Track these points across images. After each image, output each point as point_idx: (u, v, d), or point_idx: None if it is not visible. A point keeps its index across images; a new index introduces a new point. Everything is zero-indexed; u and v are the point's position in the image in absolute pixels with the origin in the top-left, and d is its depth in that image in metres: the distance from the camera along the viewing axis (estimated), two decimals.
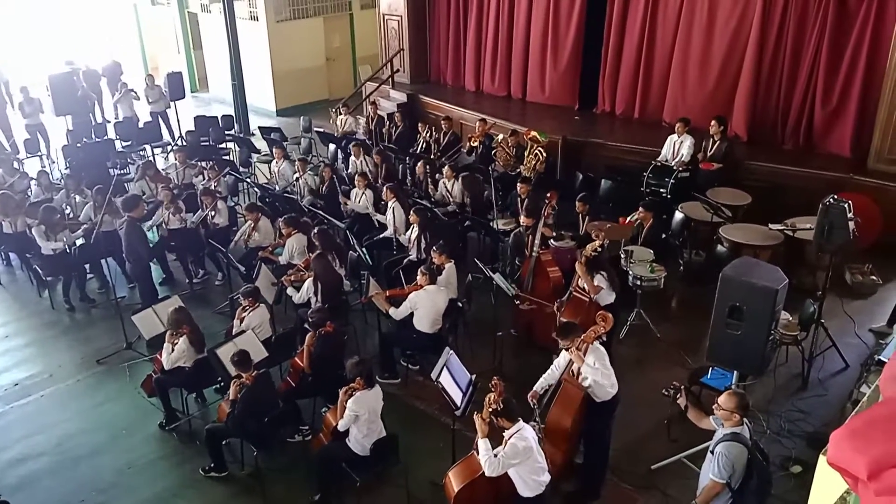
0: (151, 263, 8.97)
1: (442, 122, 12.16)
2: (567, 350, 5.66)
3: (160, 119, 14.53)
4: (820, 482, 3.44)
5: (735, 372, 6.02)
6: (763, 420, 6.59)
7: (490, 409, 4.98)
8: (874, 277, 8.66)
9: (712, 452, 4.60)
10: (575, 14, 12.58)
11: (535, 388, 5.79)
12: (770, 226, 8.37)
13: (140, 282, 8.80)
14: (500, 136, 11.13)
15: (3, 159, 11.66)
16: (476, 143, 11.38)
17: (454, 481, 5.22)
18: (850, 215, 6.46)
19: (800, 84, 10.41)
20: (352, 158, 11.08)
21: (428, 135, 11.92)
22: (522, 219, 8.25)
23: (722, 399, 4.61)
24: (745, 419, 4.60)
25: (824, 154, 10.35)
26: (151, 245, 9.04)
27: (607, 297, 6.97)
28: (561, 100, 13.21)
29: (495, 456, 4.87)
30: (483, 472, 4.94)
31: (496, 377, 5.20)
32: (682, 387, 5.15)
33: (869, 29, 9.67)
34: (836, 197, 6.62)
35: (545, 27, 12.99)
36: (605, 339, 5.85)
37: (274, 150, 11.25)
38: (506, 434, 4.93)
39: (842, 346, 7.41)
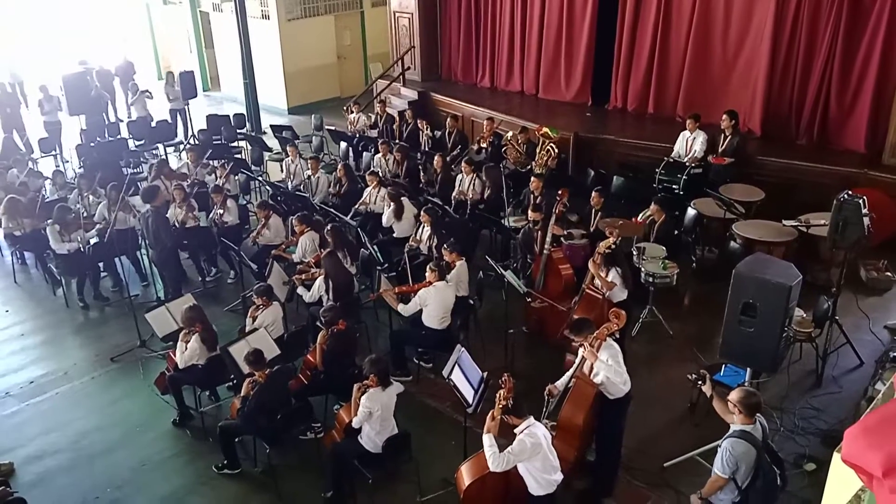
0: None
1: (447, 121, 12.16)
2: (580, 347, 5.66)
3: (179, 116, 14.62)
4: (834, 480, 3.42)
5: (748, 369, 5.99)
6: (777, 417, 6.56)
7: (501, 406, 4.99)
8: (889, 274, 8.60)
9: (721, 445, 4.61)
10: (588, 10, 12.54)
11: (556, 384, 5.77)
12: (784, 222, 8.32)
13: (167, 269, 8.86)
14: (510, 134, 11.12)
15: (18, 159, 11.74)
16: (485, 144, 11.35)
17: (465, 476, 5.23)
18: (864, 211, 6.41)
19: (814, 79, 10.33)
20: (377, 156, 11.08)
21: (429, 130, 11.96)
22: (530, 213, 8.24)
23: (732, 393, 4.63)
24: (758, 419, 4.58)
25: (838, 149, 10.27)
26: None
27: (620, 293, 6.96)
28: (574, 96, 13.17)
29: (500, 452, 4.87)
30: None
31: (507, 374, 5.20)
32: (707, 375, 5.15)
33: (883, 23, 9.57)
34: (850, 193, 6.58)
35: (559, 24, 12.95)
36: (618, 335, 5.84)
37: (288, 148, 11.30)
38: (516, 431, 4.93)
39: (856, 342, 7.36)
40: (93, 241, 9.27)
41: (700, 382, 5.13)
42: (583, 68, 12.94)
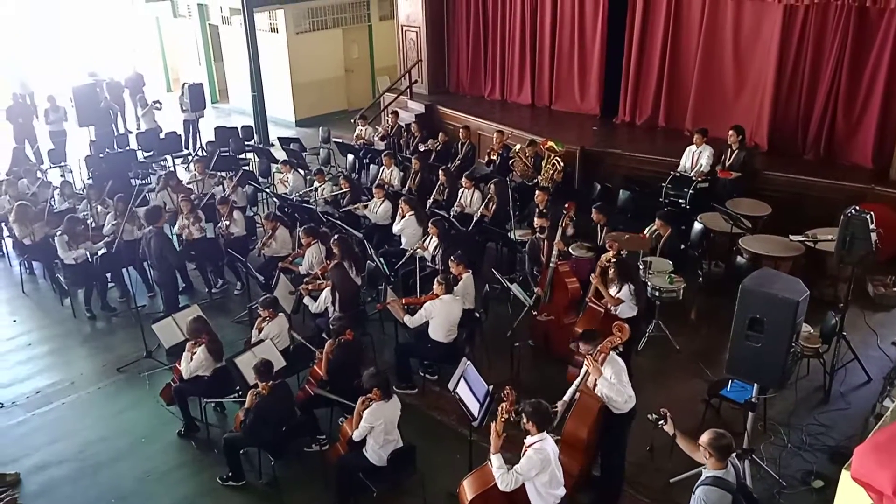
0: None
1: (460, 132, 12.21)
2: (585, 360, 5.64)
3: (192, 127, 14.70)
4: (843, 497, 3.41)
5: (755, 385, 5.96)
6: (784, 434, 6.54)
7: (503, 420, 4.97)
8: None
9: (694, 493, 4.45)
10: (599, 23, 12.60)
11: (564, 398, 5.76)
12: (790, 237, 8.31)
13: (165, 289, 8.88)
14: (518, 147, 11.15)
15: (28, 169, 11.83)
16: (494, 157, 11.38)
17: (468, 490, 5.21)
18: (871, 227, 6.40)
19: (821, 94, 10.34)
20: (383, 168, 11.12)
21: (439, 142, 12.05)
22: (536, 220, 8.23)
23: (702, 436, 4.47)
24: (731, 460, 4.43)
25: (845, 164, 10.27)
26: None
27: (629, 311, 6.93)
28: (584, 109, 13.22)
29: (509, 470, 4.85)
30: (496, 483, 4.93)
31: (508, 386, 5.18)
32: (667, 413, 5.02)
33: (890, 39, 9.59)
34: (857, 208, 6.56)
35: (571, 36, 13.01)
36: (621, 349, 5.82)
37: (280, 164, 11.36)
38: (527, 441, 4.91)
39: (864, 358, 7.33)
40: (101, 252, 9.30)
41: (661, 423, 4.97)
42: (597, 80, 12.97)
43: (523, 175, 10.86)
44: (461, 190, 10.03)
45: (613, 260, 7.00)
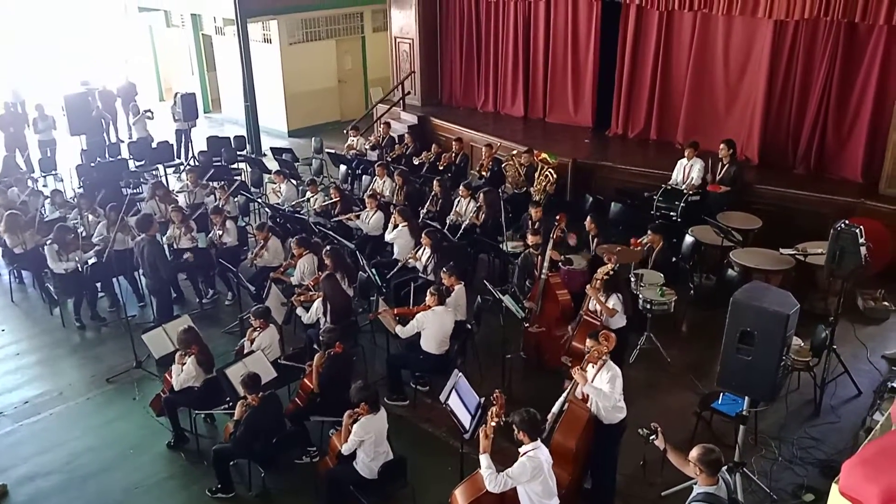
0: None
1: (453, 144, 12.24)
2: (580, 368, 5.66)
3: (184, 136, 14.69)
4: None
5: (746, 398, 5.97)
6: (775, 447, 6.54)
7: (493, 423, 4.96)
8: (886, 303, 8.61)
9: None
10: (592, 39, 12.67)
11: (553, 409, 5.76)
12: (781, 250, 8.35)
13: (159, 296, 8.84)
14: (515, 151, 11.18)
15: (18, 178, 11.78)
16: (485, 172, 11.40)
17: (459, 498, 5.19)
18: (861, 240, 6.44)
19: (811, 108, 10.43)
20: (376, 178, 11.14)
21: (430, 156, 12.08)
22: (530, 237, 8.26)
23: (691, 451, 4.48)
24: (722, 475, 4.43)
25: (835, 178, 10.35)
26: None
27: (619, 320, 6.96)
28: (578, 122, 13.28)
29: (500, 472, 4.84)
30: (488, 490, 4.92)
31: (498, 390, 5.18)
32: (658, 428, 5.02)
33: (879, 54, 9.70)
34: (847, 222, 6.61)
35: (564, 49, 13.10)
36: (608, 359, 5.84)
37: (273, 174, 11.34)
38: (521, 450, 4.91)
39: (854, 372, 7.36)
40: (91, 262, 9.26)
41: (652, 437, 4.97)
42: (590, 92, 13.04)
43: (514, 182, 10.88)
44: (457, 199, 10.05)
45: (611, 272, 7.02)
